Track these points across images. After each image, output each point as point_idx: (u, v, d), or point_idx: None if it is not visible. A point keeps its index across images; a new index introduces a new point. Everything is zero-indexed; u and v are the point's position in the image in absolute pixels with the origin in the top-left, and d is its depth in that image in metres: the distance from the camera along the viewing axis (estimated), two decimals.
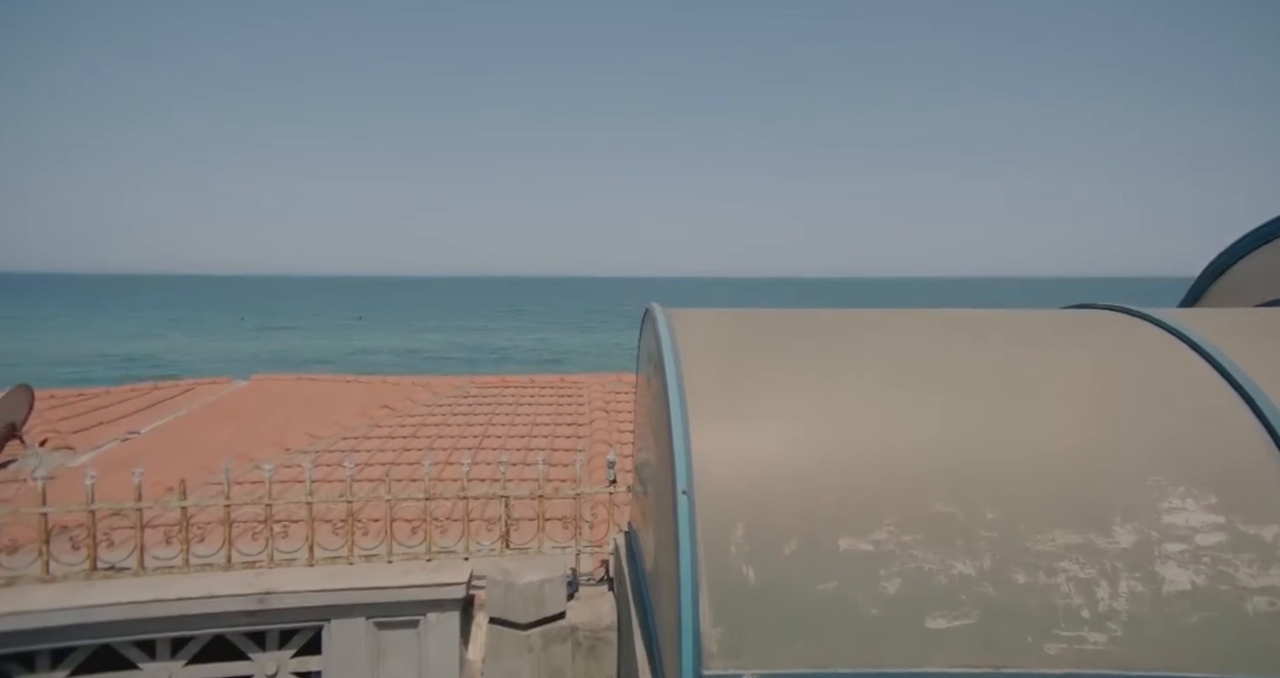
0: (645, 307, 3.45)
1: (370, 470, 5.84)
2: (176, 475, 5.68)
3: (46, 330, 62.18)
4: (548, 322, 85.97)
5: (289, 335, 62.08)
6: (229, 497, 3.82)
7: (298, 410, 8.12)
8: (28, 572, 3.61)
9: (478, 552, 4.13)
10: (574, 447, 6.67)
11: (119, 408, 8.61)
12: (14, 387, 6.39)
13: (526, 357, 48.92)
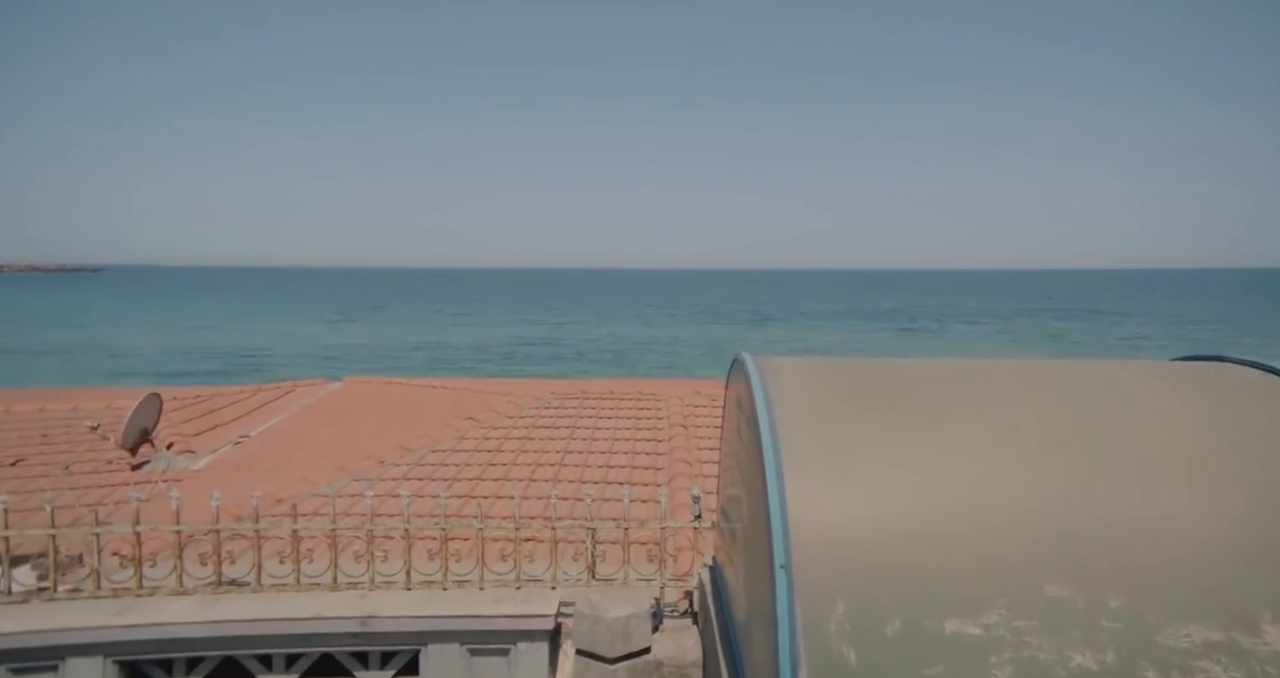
0: (734, 358, 3.43)
1: (459, 486, 6.07)
2: (284, 485, 6.09)
3: (150, 323, 67.58)
4: (610, 316, 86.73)
5: (370, 329, 65.16)
6: (334, 521, 4.04)
7: (388, 418, 8.52)
8: (166, 583, 3.93)
9: (564, 581, 4.22)
10: (654, 464, 6.71)
11: (229, 410, 9.28)
12: (147, 395, 6.98)
13: (597, 353, 49.46)
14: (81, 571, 4.02)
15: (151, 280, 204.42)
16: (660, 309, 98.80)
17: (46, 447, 7.35)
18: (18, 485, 6.38)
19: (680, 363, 41.65)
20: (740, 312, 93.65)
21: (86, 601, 3.89)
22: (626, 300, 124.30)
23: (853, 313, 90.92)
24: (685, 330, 66.68)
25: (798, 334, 62.49)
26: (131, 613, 3.75)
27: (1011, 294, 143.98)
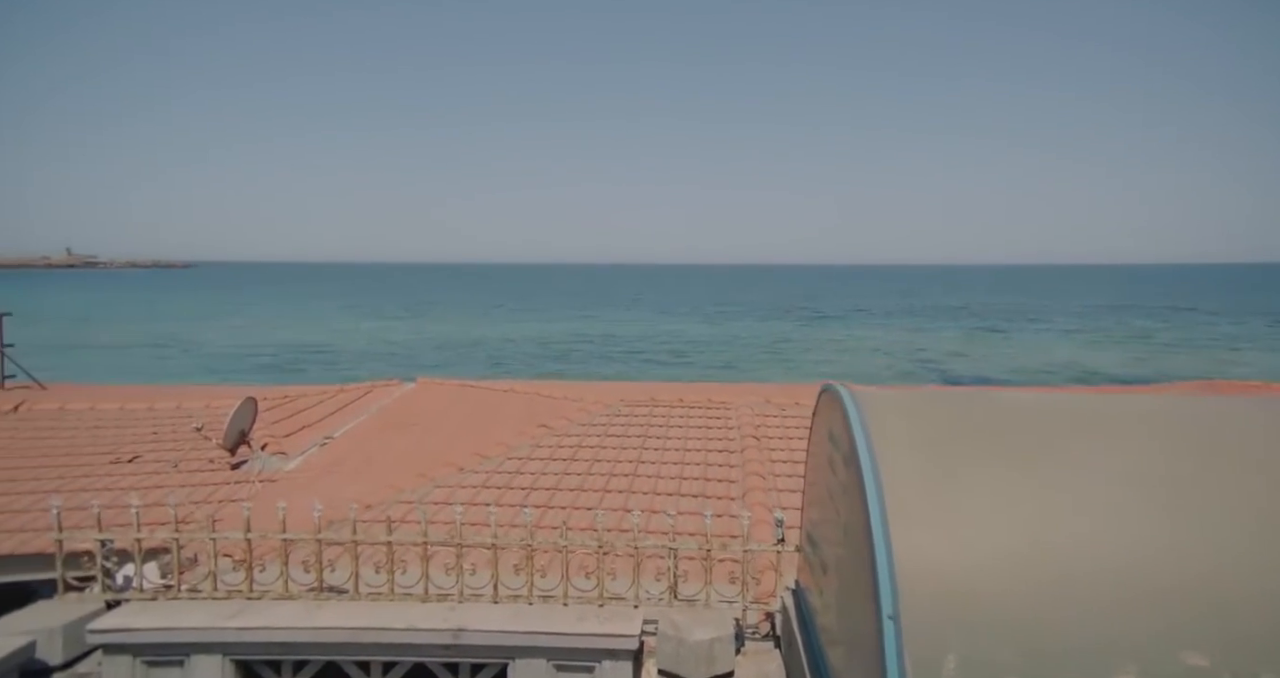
0: (822, 389, 3.38)
1: (536, 495, 6.20)
2: (370, 490, 6.35)
3: (233, 317, 71.39)
4: (666, 312, 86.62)
5: (433, 325, 67.11)
6: (426, 534, 4.19)
7: (463, 423, 8.77)
8: (273, 587, 4.16)
9: (646, 600, 4.26)
10: (728, 476, 6.70)
11: (314, 411, 9.73)
12: (244, 399, 7.40)
13: (655, 350, 49.52)
14: (200, 570, 4.30)
15: (234, 276, 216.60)
16: (715, 305, 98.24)
17: (157, 444, 7.89)
18: (136, 481, 6.88)
19: (741, 363, 41.25)
20: (795, 308, 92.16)
21: (205, 601, 4.16)
22: (678, 296, 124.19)
23: (913, 310, 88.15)
24: (744, 328, 66.05)
25: (859, 332, 60.97)
26: (245, 616, 3.99)
27: (1082, 290, 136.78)
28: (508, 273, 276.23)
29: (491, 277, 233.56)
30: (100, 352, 41.79)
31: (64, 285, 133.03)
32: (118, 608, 4.09)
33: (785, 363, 41.18)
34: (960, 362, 42.58)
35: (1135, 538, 2.33)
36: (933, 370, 38.98)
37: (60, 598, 4.27)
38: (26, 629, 3.86)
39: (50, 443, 7.86)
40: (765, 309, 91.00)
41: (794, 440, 7.69)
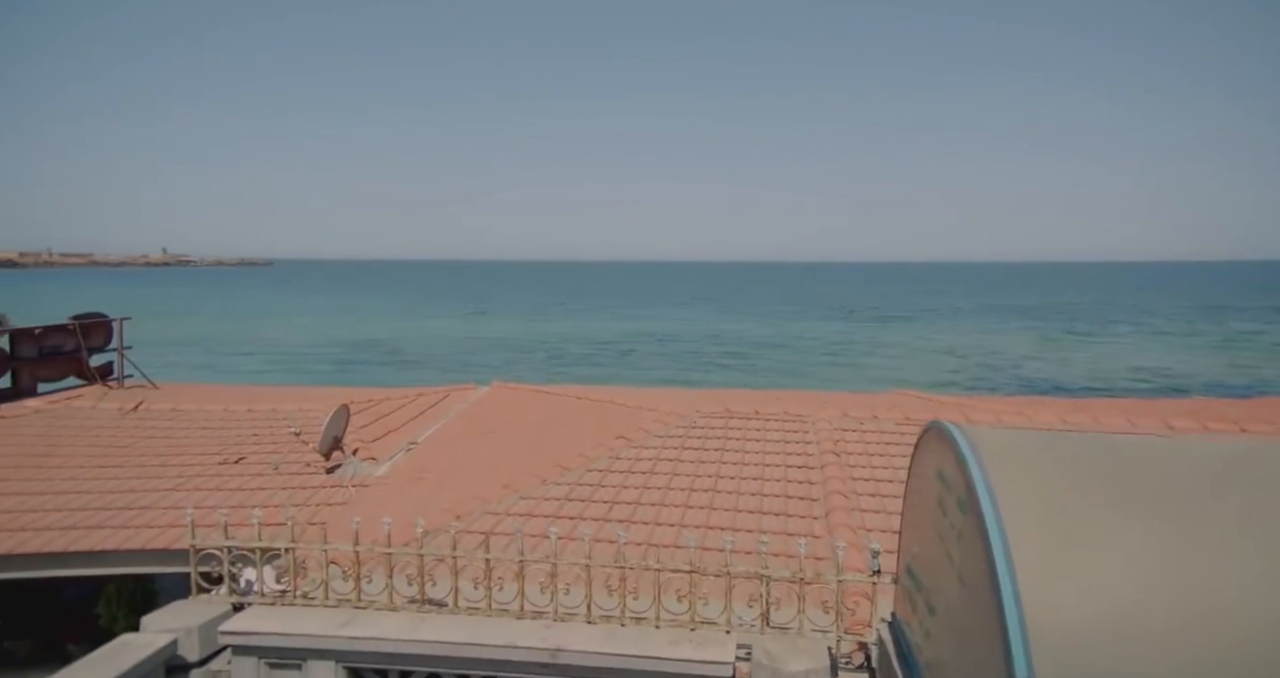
0: (928, 426, 3.30)
1: (618, 509, 6.28)
2: (457, 499, 6.56)
3: (311, 314, 74.73)
4: (726, 310, 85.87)
5: (498, 323, 68.65)
6: (523, 553, 4.31)
7: (540, 431, 8.95)
8: (379, 598, 4.37)
9: (738, 626, 4.27)
10: (809, 494, 6.62)
11: (397, 415, 10.13)
12: (339, 406, 7.78)
13: (718, 352, 49.26)
14: (312, 578, 4.55)
15: (309, 273, 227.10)
16: (774, 304, 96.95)
17: (258, 446, 8.38)
18: (243, 483, 7.34)
19: (806, 367, 40.51)
20: (859, 308, 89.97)
21: (318, 608, 4.40)
22: (735, 294, 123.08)
23: (982, 310, 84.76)
24: (806, 328, 64.98)
25: (925, 333, 59.05)
26: (355, 625, 4.21)
27: (1170, 289, 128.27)
28: (563, 270, 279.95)
29: (548, 274, 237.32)
30: (187, 349, 44.51)
31: (160, 283, 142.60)
32: (243, 611, 4.37)
33: (851, 367, 40.26)
34: (1036, 366, 40.71)
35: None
36: (1008, 376, 37.38)
37: (193, 599, 4.60)
38: (169, 627, 4.18)
39: (167, 443, 8.46)
40: (826, 309, 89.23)
41: (874, 456, 7.55)
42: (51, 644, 6.83)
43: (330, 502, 6.96)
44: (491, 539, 5.32)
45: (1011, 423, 8.29)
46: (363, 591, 4.46)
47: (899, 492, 6.68)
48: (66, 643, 6.81)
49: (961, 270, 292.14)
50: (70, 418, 9.24)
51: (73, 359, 10.74)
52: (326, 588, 4.46)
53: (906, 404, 10.86)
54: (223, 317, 68.90)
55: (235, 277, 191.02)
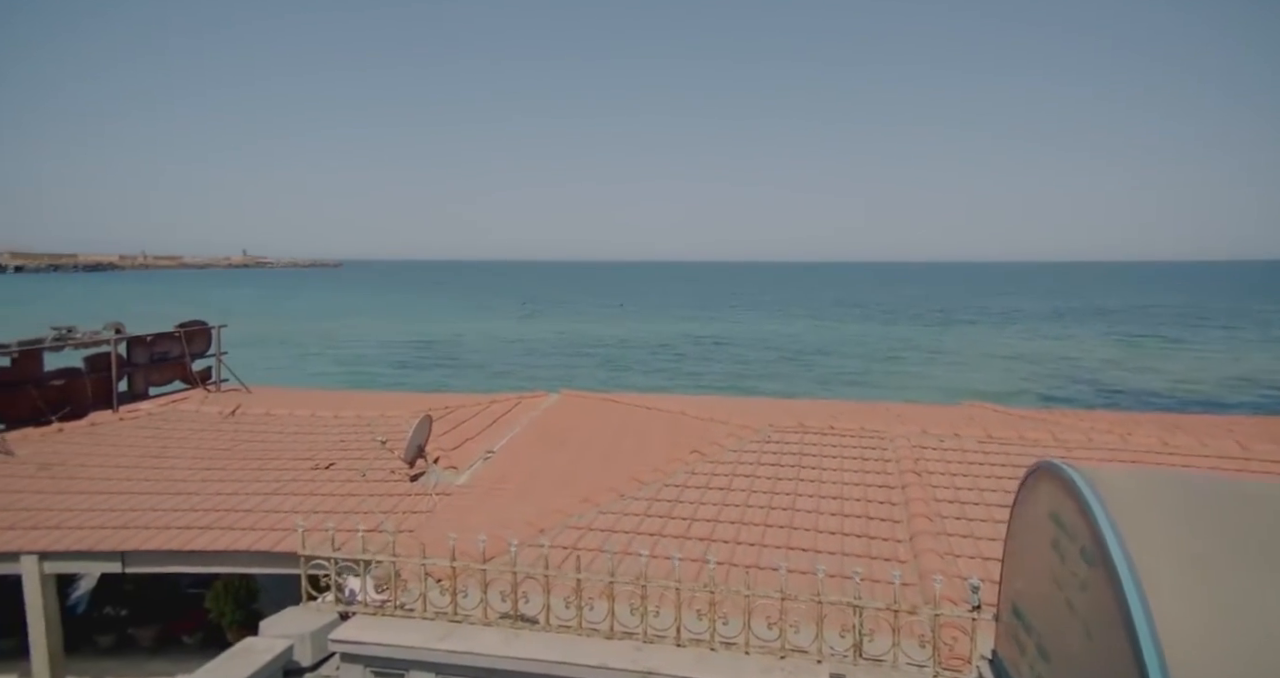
0: (1039, 465, 3.20)
1: (697, 527, 6.30)
2: (538, 512, 6.71)
3: (381, 314, 77.44)
4: (775, 312, 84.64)
5: (554, 324, 69.57)
6: (613, 574, 4.38)
7: (613, 442, 9.06)
8: (474, 613, 4.52)
9: (830, 655, 4.23)
10: (891, 516, 6.49)
11: (473, 423, 10.41)
12: (422, 417, 8.07)
13: (775, 356, 48.62)
14: (412, 591, 4.74)
15: (378, 273, 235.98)
16: (822, 305, 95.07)
17: (345, 452, 8.78)
18: (334, 489, 7.71)
19: (871, 375, 39.39)
20: (924, 311, 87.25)
21: (418, 620, 4.59)
22: (790, 295, 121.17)
23: (1055, 313, 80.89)
24: (867, 331, 63.48)
25: (996, 338, 56.74)
26: (453, 639, 4.36)
27: (1253, 290, 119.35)
28: (610, 271, 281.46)
29: (597, 274, 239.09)
30: (264, 348, 46.79)
31: (240, 283, 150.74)
32: (350, 621, 4.60)
33: (915, 375, 39.04)
34: (1117, 374, 38.56)
35: None
36: (1086, 386, 35.54)
37: (304, 606, 4.87)
38: (285, 633, 4.44)
39: (262, 447, 8.96)
40: (888, 310, 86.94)
41: (957, 476, 7.33)
42: (168, 633, 7.34)
43: (416, 509, 7.23)
44: (579, 556, 5.43)
45: (1105, 443, 7.91)
46: (458, 605, 4.62)
47: (986, 516, 6.50)
48: (181, 633, 7.31)
49: (1024, 270, 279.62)
50: (178, 421, 9.89)
51: (178, 364, 11.49)
52: (425, 601, 4.65)
53: (983, 418, 10.49)
54: (296, 317, 72.22)
55: (308, 277, 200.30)
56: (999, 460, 7.62)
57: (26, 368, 9.06)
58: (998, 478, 7.15)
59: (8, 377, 8.84)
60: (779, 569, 4.39)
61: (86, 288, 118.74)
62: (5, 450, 8.13)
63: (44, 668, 6.47)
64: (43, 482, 7.59)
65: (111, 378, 10.22)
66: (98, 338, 10.08)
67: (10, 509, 6.95)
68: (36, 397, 9.05)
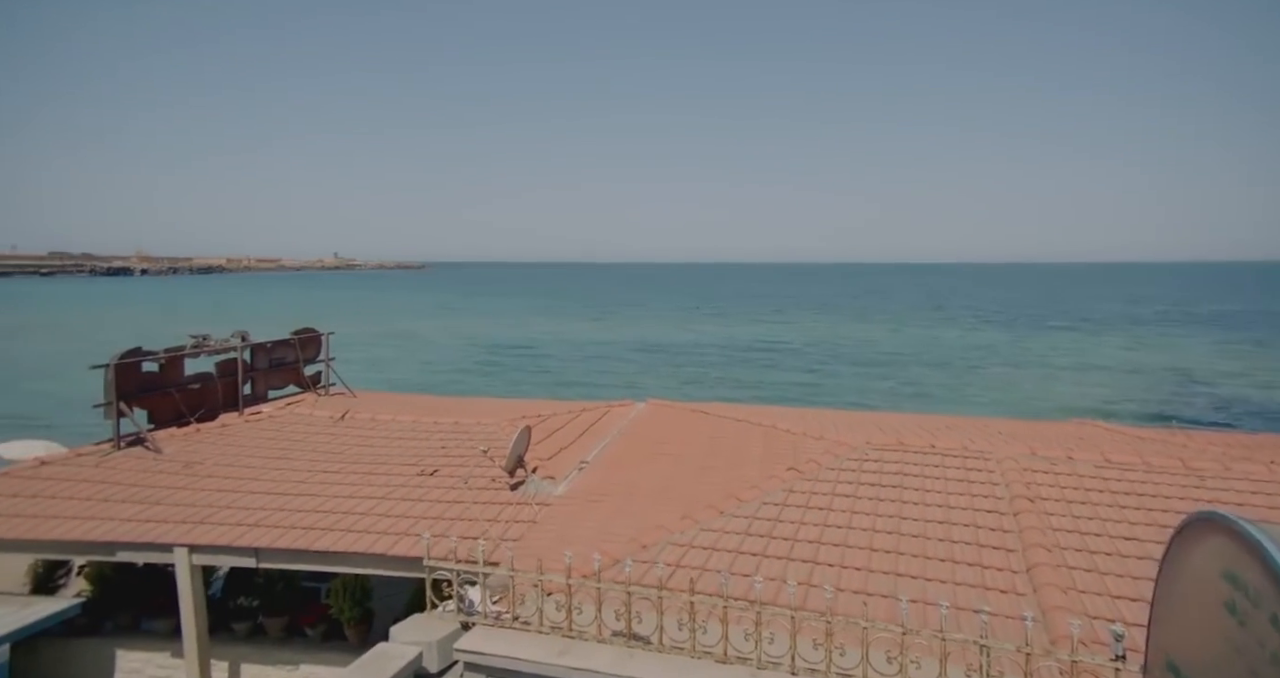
0: (1203, 515, 3.00)
1: (799, 548, 6.23)
2: (640, 528, 6.80)
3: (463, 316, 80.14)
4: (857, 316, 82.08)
5: (629, 327, 70.05)
6: (727, 601, 4.40)
7: (707, 456, 9.06)
8: (589, 630, 4.63)
9: None
10: (1004, 544, 6.22)
11: (566, 431, 10.64)
12: (522, 428, 8.32)
13: (840, 370, 47.31)
14: (529, 605, 4.91)
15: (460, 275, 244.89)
16: (903, 308, 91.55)
17: (447, 459, 9.16)
18: (439, 495, 8.07)
19: (963, 384, 37.67)
20: (1003, 312, 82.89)
21: (534, 634, 4.75)
22: (855, 296, 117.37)
23: (1157, 317, 75.01)
24: (952, 335, 60.84)
25: (1094, 345, 53.13)
26: (570, 655, 4.50)
27: None
28: (682, 272, 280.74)
29: (670, 276, 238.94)
30: (360, 349, 49.32)
31: (331, 285, 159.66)
32: (471, 631, 4.82)
33: (1013, 386, 37.05)
34: (1240, 387, 35.36)
35: None
36: (1205, 399, 32.77)
37: (428, 614, 5.13)
38: (414, 640, 4.70)
39: (371, 451, 9.48)
40: (976, 314, 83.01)
41: (1074, 504, 6.94)
42: (294, 625, 7.87)
43: (519, 519, 7.47)
44: (692, 577, 5.48)
45: (1248, 474, 7.29)
46: (573, 621, 4.75)
47: (1111, 549, 6.12)
48: (305, 625, 7.83)
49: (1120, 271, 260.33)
50: (294, 424, 10.59)
51: (292, 369, 12.30)
52: (541, 616, 4.80)
53: (1095, 438, 9.88)
54: (385, 318, 75.78)
55: (394, 279, 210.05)
56: (1121, 488, 7.16)
57: (171, 373, 9.93)
58: (1121, 507, 6.72)
59: (156, 381, 9.71)
60: (900, 601, 4.29)
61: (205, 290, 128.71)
62: (155, 449, 8.94)
63: (193, 649, 7.09)
64: (187, 479, 8.30)
65: (237, 382, 11.05)
66: (227, 345, 10.92)
67: (163, 504, 7.64)
68: (178, 399, 9.90)
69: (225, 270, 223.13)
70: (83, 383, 19.29)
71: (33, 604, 6.84)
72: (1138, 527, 6.29)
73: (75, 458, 8.82)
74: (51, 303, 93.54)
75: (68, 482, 8.12)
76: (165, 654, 7.60)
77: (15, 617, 6.39)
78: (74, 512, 7.47)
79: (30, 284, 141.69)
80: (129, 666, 7.60)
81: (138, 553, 7.07)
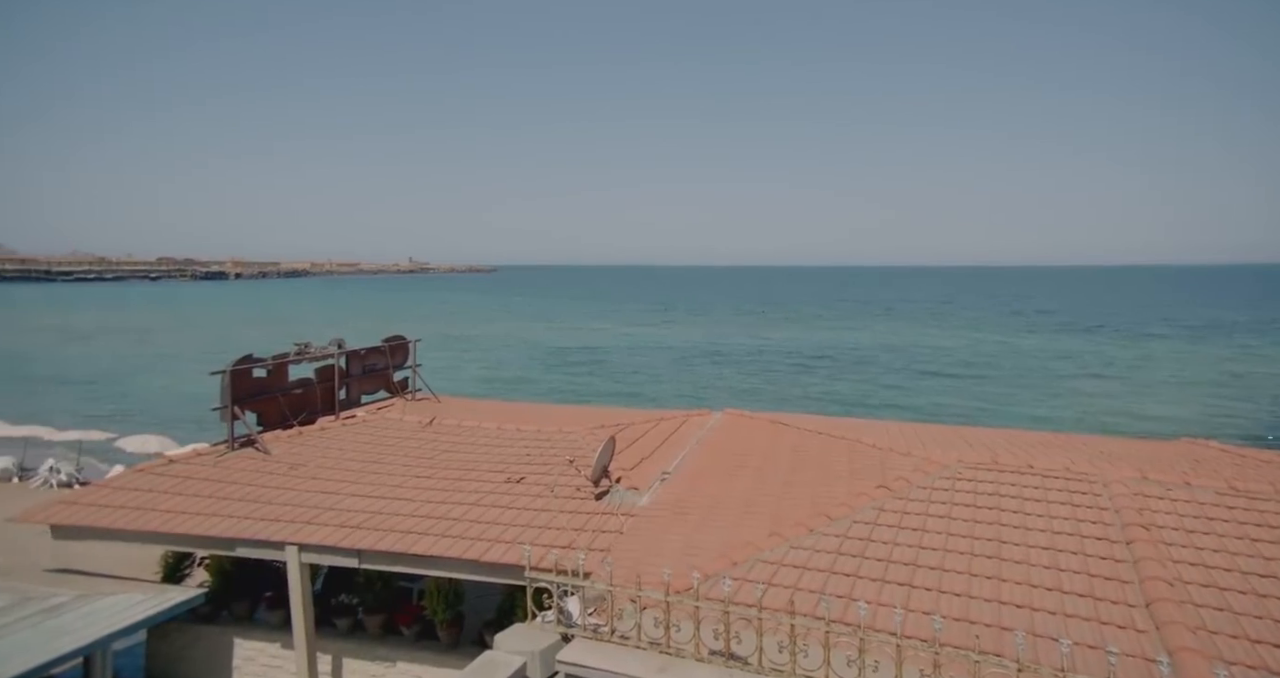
0: None
1: (894, 570, 6.08)
2: (728, 544, 6.78)
3: (528, 319, 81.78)
4: (913, 321, 79.07)
5: (688, 329, 69.80)
6: (828, 626, 4.34)
7: (790, 470, 8.95)
8: (687, 648, 4.67)
9: None
10: (1118, 574, 5.88)
11: (646, 441, 10.71)
12: (608, 439, 8.45)
13: (939, 367, 45.64)
14: (627, 620, 4.98)
15: (527, 278, 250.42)
16: (986, 314, 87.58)
17: (532, 467, 9.39)
18: (527, 503, 8.28)
19: (1049, 396, 35.64)
20: (1089, 318, 78.20)
21: (633, 649, 4.82)
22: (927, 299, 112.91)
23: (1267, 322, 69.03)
24: (1022, 341, 57.91)
25: (1196, 355, 49.43)
26: (670, 673, 4.55)
27: None
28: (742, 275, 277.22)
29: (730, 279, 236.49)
30: (431, 354, 51.05)
31: (406, 288, 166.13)
32: (573, 643, 4.94)
33: (1104, 397, 34.92)
34: None
35: None
36: None
37: (529, 624, 5.29)
38: (518, 650, 4.86)
39: (459, 457, 9.81)
40: (1057, 320, 78.74)
41: (1196, 535, 6.50)
42: (391, 624, 8.25)
43: (604, 529, 7.58)
44: (777, 592, 5.44)
45: None
46: (671, 638, 4.79)
47: (1244, 586, 5.70)
48: (401, 624, 8.19)
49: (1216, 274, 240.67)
50: (386, 428, 11.09)
51: (383, 375, 12.89)
52: (640, 631, 4.87)
53: (1209, 459, 9.22)
54: (453, 321, 78.20)
55: (466, 282, 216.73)
56: (1250, 518, 6.66)
57: (277, 379, 10.58)
58: (1253, 540, 6.25)
59: (264, 386, 10.37)
60: (1014, 632, 4.14)
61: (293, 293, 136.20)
62: (264, 450, 9.55)
63: (302, 642, 7.54)
64: (294, 480, 8.83)
65: (334, 387, 11.66)
66: (326, 352, 11.54)
67: (274, 504, 8.15)
68: (283, 403, 10.54)
69: (309, 274, 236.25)
70: (191, 381, 20.17)
71: (166, 592, 7.42)
72: (1275, 563, 5.83)
73: (196, 457, 9.52)
74: (162, 304, 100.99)
75: (191, 480, 8.78)
76: (276, 645, 8.11)
77: (152, 603, 6.96)
78: (197, 508, 8.07)
79: (140, 287, 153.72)
80: (244, 654, 8.13)
81: (254, 549, 7.57)
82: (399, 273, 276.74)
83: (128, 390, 36.39)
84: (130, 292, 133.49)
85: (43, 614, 6.47)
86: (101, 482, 9.41)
